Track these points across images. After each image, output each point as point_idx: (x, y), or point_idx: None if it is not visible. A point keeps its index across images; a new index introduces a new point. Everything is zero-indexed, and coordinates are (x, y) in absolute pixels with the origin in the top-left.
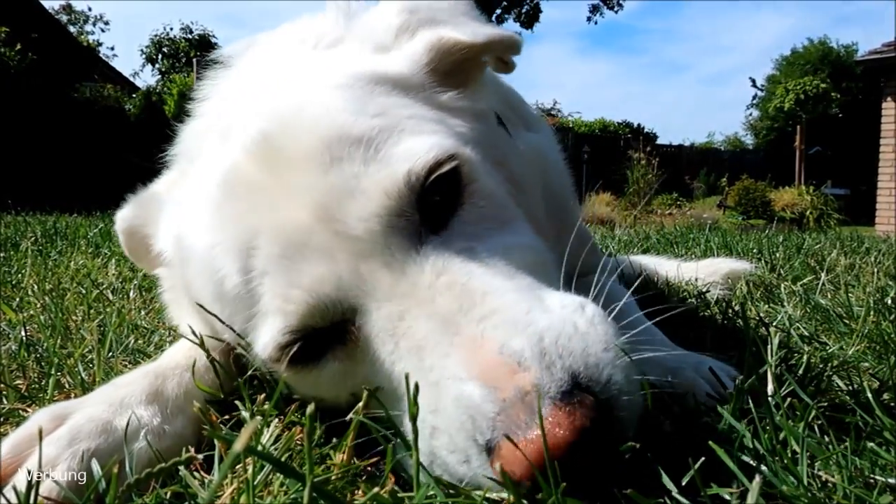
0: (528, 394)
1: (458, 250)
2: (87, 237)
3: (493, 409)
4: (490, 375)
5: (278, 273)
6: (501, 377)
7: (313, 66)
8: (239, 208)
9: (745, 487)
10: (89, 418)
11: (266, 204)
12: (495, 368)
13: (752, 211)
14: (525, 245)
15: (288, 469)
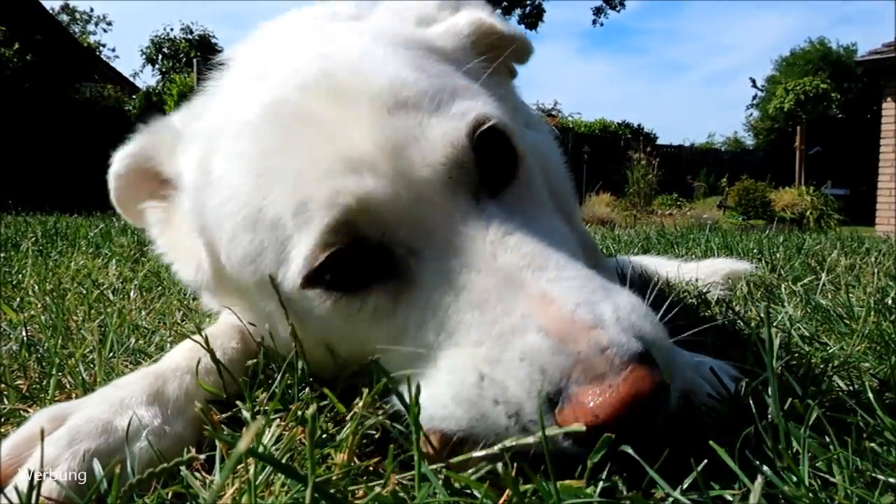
0: (606, 349)
1: (514, 218)
2: (87, 237)
3: (568, 361)
4: (563, 330)
5: (332, 182)
6: (575, 333)
7: (356, 28)
8: (291, 138)
9: (748, 488)
10: (89, 419)
11: (324, 135)
12: (569, 324)
13: (752, 211)
14: (568, 234)
15: (289, 470)
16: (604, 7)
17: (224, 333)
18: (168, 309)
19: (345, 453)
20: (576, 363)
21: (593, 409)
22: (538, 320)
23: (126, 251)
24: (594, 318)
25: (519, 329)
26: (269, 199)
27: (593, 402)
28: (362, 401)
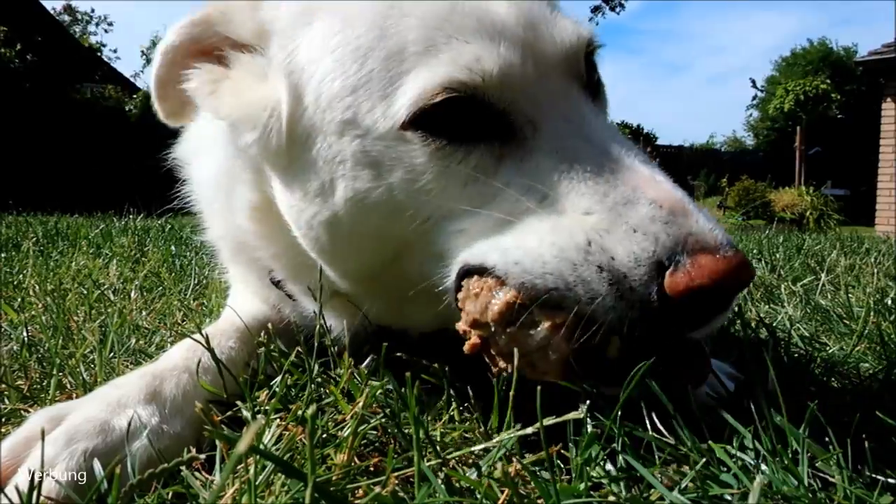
0: (713, 230)
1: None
2: (88, 238)
3: (682, 231)
4: (675, 205)
5: (473, 40)
6: (685, 209)
7: None
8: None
9: (746, 488)
10: (86, 418)
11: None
12: (679, 202)
13: (752, 211)
14: None
15: (290, 469)
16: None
17: (223, 333)
18: (168, 309)
19: (345, 453)
20: (689, 234)
21: (708, 272)
22: (651, 193)
23: (127, 251)
24: (697, 208)
25: (632, 200)
26: (396, 30)
27: (708, 268)
28: (362, 401)
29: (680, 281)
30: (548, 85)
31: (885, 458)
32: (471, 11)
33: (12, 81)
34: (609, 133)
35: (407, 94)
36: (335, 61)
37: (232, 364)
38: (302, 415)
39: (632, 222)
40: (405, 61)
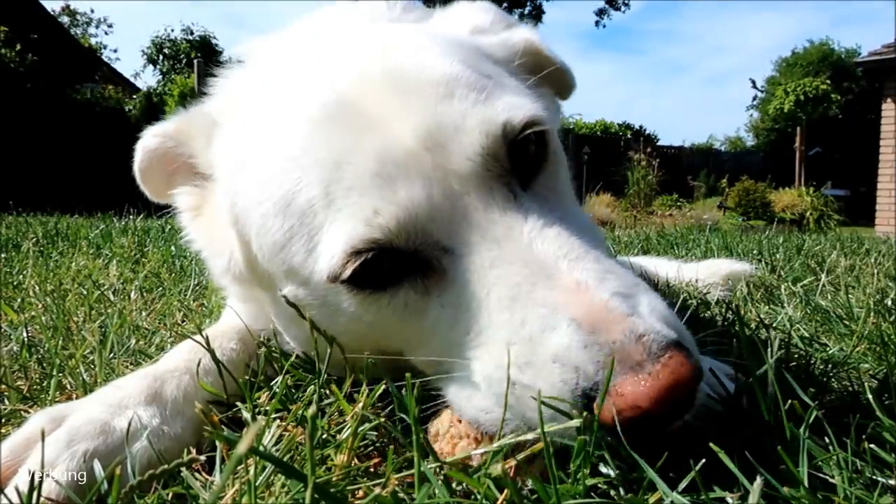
0: (643, 336)
1: (549, 211)
2: (88, 238)
3: (602, 352)
4: (597, 319)
5: (370, 188)
6: (610, 322)
7: (412, 28)
8: (335, 126)
9: (747, 489)
10: (87, 419)
11: (369, 125)
12: (604, 313)
13: (752, 212)
14: (594, 227)
15: (290, 470)
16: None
17: (224, 334)
18: (168, 310)
19: (345, 454)
20: (611, 353)
21: (634, 399)
22: (571, 311)
23: (126, 252)
24: (629, 306)
25: (549, 326)
26: (303, 184)
27: (633, 393)
28: (362, 402)
29: (606, 415)
30: (461, 206)
31: (884, 459)
32: (370, 152)
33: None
34: (539, 236)
35: (322, 255)
36: (263, 215)
37: (233, 365)
38: (302, 416)
39: (550, 352)
40: (316, 216)
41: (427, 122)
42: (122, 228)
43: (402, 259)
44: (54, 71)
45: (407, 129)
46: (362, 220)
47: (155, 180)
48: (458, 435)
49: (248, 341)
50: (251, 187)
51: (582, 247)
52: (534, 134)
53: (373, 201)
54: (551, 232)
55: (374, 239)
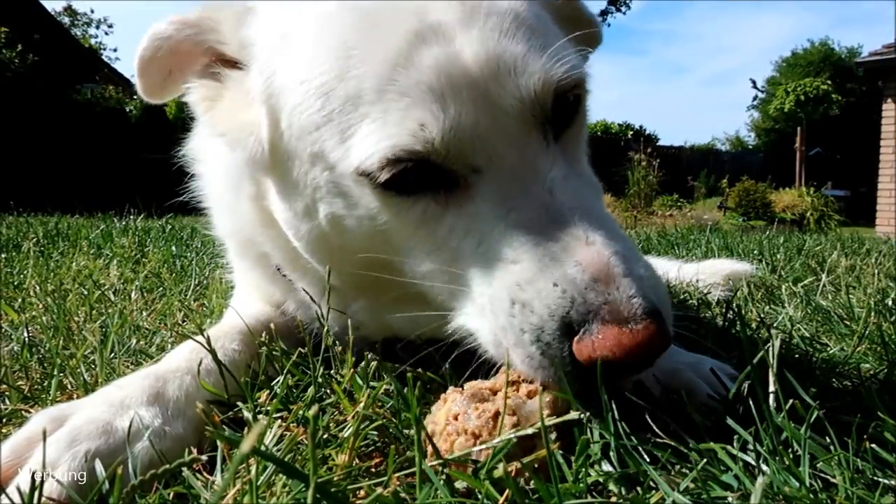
0: (632, 298)
1: (571, 166)
2: (88, 238)
3: (598, 298)
4: (599, 271)
5: (422, 100)
6: (609, 276)
7: None
8: (400, 25)
9: (748, 489)
10: (89, 419)
11: (434, 34)
12: (605, 267)
13: (752, 212)
14: (601, 188)
15: (292, 470)
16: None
17: (226, 335)
18: (169, 310)
19: (346, 454)
20: (605, 302)
21: (611, 346)
22: (579, 255)
23: (127, 252)
24: (626, 269)
25: (558, 258)
26: (355, 74)
27: (614, 341)
28: (363, 401)
29: (584, 349)
30: (500, 134)
31: (886, 459)
32: (430, 63)
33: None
34: (560, 185)
35: (357, 148)
36: (303, 94)
37: (235, 366)
38: (303, 415)
39: (555, 276)
40: (360, 107)
41: (490, 52)
42: (122, 228)
43: (432, 171)
44: (55, 71)
45: (470, 51)
46: (408, 130)
47: (154, 74)
48: (454, 432)
49: (251, 342)
50: (295, 65)
51: (594, 205)
52: (575, 94)
53: (422, 114)
54: (570, 185)
55: (415, 151)
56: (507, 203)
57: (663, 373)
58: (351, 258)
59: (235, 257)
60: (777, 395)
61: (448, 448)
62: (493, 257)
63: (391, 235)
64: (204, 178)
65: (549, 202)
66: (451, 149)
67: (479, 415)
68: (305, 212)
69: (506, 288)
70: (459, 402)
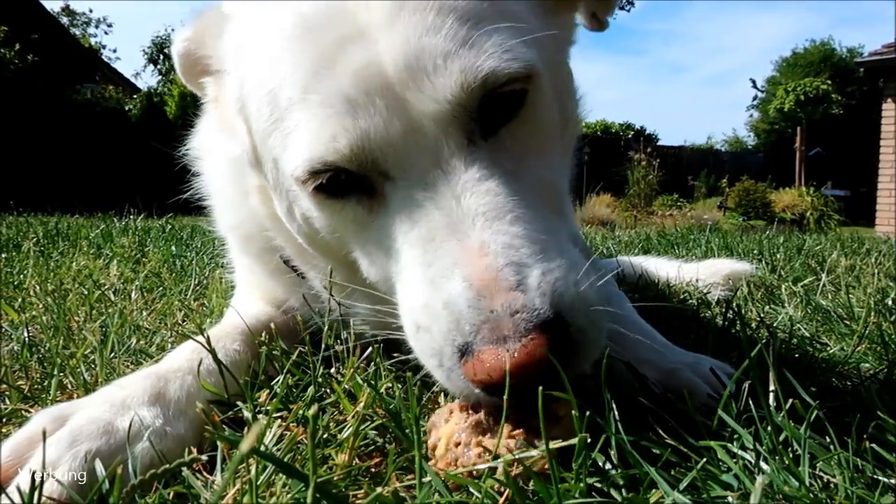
0: (517, 313)
1: (500, 164)
2: (88, 238)
3: (479, 317)
4: (484, 285)
5: (337, 110)
6: (494, 290)
7: None
8: (324, 31)
9: (748, 489)
10: (90, 419)
11: (355, 36)
12: (492, 280)
13: (752, 212)
14: (553, 184)
15: (292, 469)
16: None
17: (227, 335)
18: (169, 309)
19: (346, 454)
20: (485, 321)
21: (489, 369)
22: (466, 270)
23: (127, 252)
24: (517, 280)
25: (447, 275)
26: (286, 83)
27: (490, 363)
28: (363, 401)
29: (467, 373)
30: (413, 140)
31: (886, 459)
32: (349, 69)
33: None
34: (471, 188)
35: (290, 158)
36: (258, 101)
37: (236, 366)
38: (303, 415)
39: (444, 298)
40: (293, 113)
41: (408, 52)
42: (122, 228)
43: (351, 178)
44: (54, 71)
45: (388, 54)
46: (323, 141)
47: (190, 81)
48: (453, 461)
49: (252, 342)
50: (253, 73)
51: (507, 206)
52: (515, 89)
53: (335, 125)
54: (483, 187)
55: (329, 162)
56: (413, 214)
57: (662, 372)
58: (337, 255)
59: (237, 254)
60: (777, 395)
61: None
62: (403, 272)
63: (339, 234)
64: (206, 173)
65: (453, 209)
66: (360, 159)
67: (480, 454)
68: (288, 211)
69: (409, 312)
70: (462, 428)
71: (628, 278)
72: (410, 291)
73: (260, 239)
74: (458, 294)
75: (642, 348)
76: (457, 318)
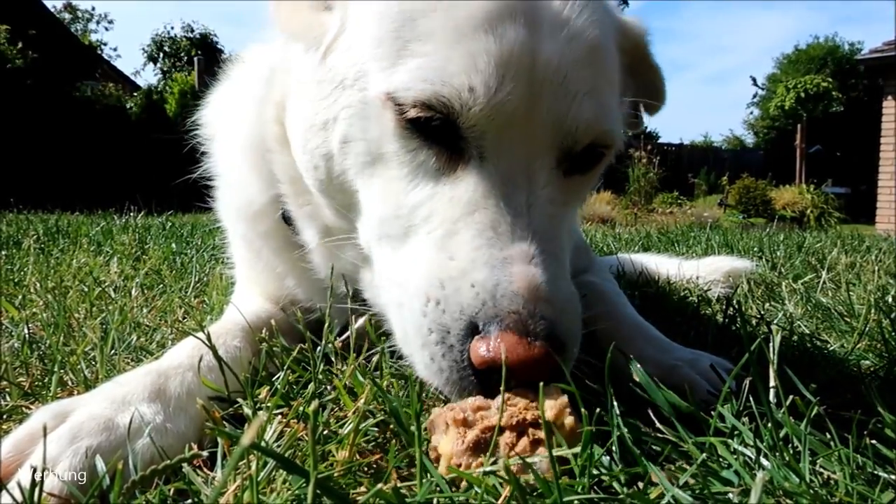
0: (543, 319)
1: (561, 199)
2: (88, 235)
3: (511, 306)
4: (526, 287)
5: (481, 68)
6: (533, 295)
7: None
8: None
9: (748, 485)
10: (91, 416)
11: (527, 20)
12: (535, 288)
13: (752, 209)
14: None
15: (292, 465)
16: None
17: (227, 331)
18: (169, 307)
19: (346, 450)
20: (515, 313)
21: (508, 349)
22: (514, 268)
23: (127, 249)
24: (551, 295)
25: (491, 263)
26: (440, 14)
27: (509, 346)
28: (364, 398)
29: (478, 348)
30: (524, 138)
31: (886, 455)
32: (510, 40)
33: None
34: (541, 205)
35: (403, 76)
36: (383, 10)
37: (237, 363)
38: (303, 412)
39: (475, 278)
40: (428, 44)
41: (562, 66)
42: (122, 226)
43: (451, 133)
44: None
45: (545, 56)
46: (457, 86)
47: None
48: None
49: (252, 338)
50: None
51: (559, 239)
52: (603, 150)
53: (478, 80)
54: (549, 210)
55: (451, 109)
56: (480, 203)
57: (662, 369)
58: (347, 187)
59: (239, 244)
60: (777, 391)
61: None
62: (435, 246)
63: (384, 168)
64: (217, 148)
65: (521, 215)
66: (480, 124)
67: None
68: (323, 126)
69: (427, 283)
70: (460, 451)
71: (629, 276)
72: (431, 262)
73: (269, 213)
74: (495, 282)
75: (642, 346)
76: (484, 299)
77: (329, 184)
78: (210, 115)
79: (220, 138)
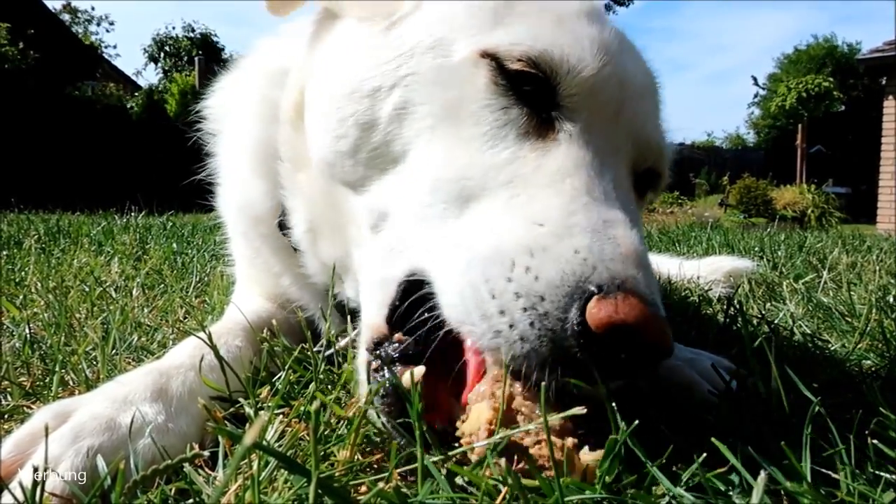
0: (652, 290)
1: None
2: (89, 235)
3: (626, 272)
4: (634, 252)
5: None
6: (633, 260)
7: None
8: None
9: (750, 484)
10: (92, 415)
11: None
12: (635, 252)
13: (753, 209)
14: None
15: (294, 465)
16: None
17: (228, 331)
18: (170, 306)
19: (348, 449)
20: (631, 277)
21: (637, 315)
22: (617, 231)
23: (128, 249)
24: (647, 262)
25: (594, 229)
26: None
27: (639, 311)
28: (365, 397)
29: (605, 307)
30: (609, 131)
31: (888, 455)
32: (609, 34)
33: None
34: (622, 194)
35: (509, 33)
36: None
37: (239, 362)
38: (305, 411)
39: (577, 244)
40: (544, 18)
41: (642, 95)
42: (123, 226)
43: (548, 98)
44: (56, 68)
45: (635, 79)
46: (568, 50)
47: None
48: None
49: (253, 338)
50: None
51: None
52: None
53: (587, 53)
54: (627, 196)
55: (558, 71)
56: (575, 170)
57: (662, 369)
58: (359, 166)
59: (240, 242)
60: (779, 390)
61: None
62: (518, 211)
63: (443, 139)
64: (221, 146)
65: (607, 190)
66: (580, 97)
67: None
68: (372, 93)
69: (514, 248)
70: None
71: None
72: (515, 228)
73: (268, 220)
74: (601, 247)
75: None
76: (594, 265)
77: (353, 155)
78: (215, 109)
79: (225, 135)
